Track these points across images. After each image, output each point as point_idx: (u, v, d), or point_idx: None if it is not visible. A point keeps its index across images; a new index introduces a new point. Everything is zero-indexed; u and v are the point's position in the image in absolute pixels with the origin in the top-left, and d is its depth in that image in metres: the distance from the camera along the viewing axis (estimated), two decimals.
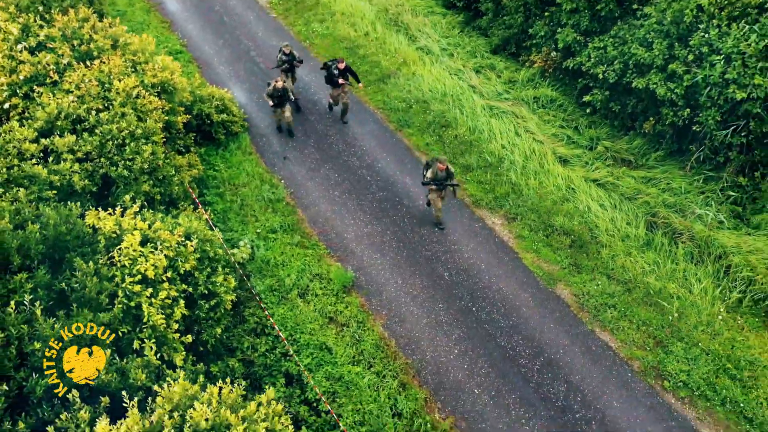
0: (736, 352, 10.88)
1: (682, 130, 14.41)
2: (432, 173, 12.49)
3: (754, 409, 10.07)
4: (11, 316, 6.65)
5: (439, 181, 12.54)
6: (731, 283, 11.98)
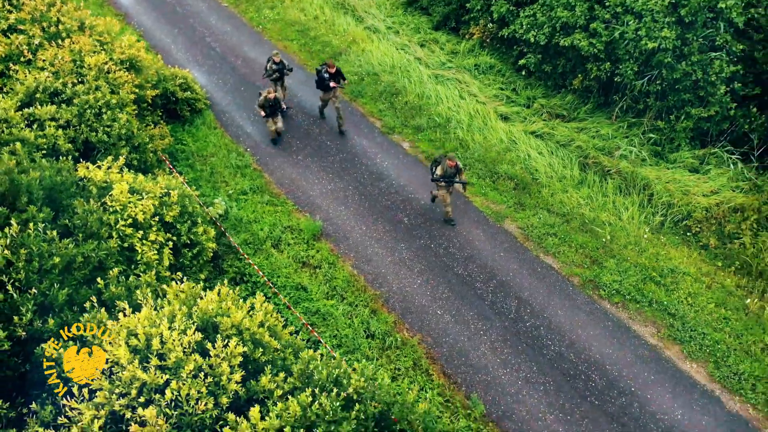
0: (660, 264, 12.54)
1: (606, 84, 16.12)
2: (442, 170, 12.67)
3: (675, 306, 11.71)
4: (31, 237, 7.55)
5: (448, 178, 12.74)
6: (653, 209, 13.68)
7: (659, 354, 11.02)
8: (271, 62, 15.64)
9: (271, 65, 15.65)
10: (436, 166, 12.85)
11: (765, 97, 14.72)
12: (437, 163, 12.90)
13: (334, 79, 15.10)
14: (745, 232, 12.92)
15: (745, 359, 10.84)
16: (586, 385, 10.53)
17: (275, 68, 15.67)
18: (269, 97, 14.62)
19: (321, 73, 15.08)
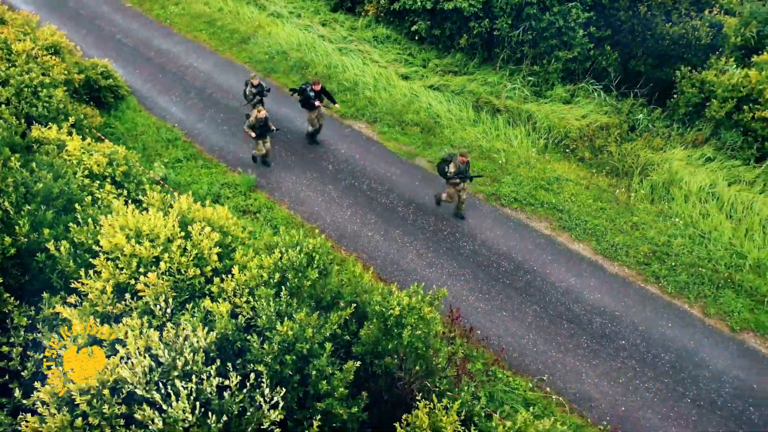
0: (547, 175, 14.97)
1: (488, 40, 18.59)
2: (455, 167, 12.87)
3: (562, 204, 14.14)
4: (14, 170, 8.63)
5: (462, 174, 13.04)
6: (538, 135, 16.16)
7: (553, 240, 13.36)
8: (250, 86, 15.17)
9: (249, 89, 15.18)
10: (447, 165, 12.95)
11: (615, 37, 17.64)
12: (447, 162, 13.00)
13: (319, 97, 14.94)
14: (610, 144, 15.61)
15: (619, 235, 13.37)
16: (497, 270, 12.67)
17: (255, 91, 15.18)
18: (260, 116, 14.06)
19: (306, 92, 14.81)
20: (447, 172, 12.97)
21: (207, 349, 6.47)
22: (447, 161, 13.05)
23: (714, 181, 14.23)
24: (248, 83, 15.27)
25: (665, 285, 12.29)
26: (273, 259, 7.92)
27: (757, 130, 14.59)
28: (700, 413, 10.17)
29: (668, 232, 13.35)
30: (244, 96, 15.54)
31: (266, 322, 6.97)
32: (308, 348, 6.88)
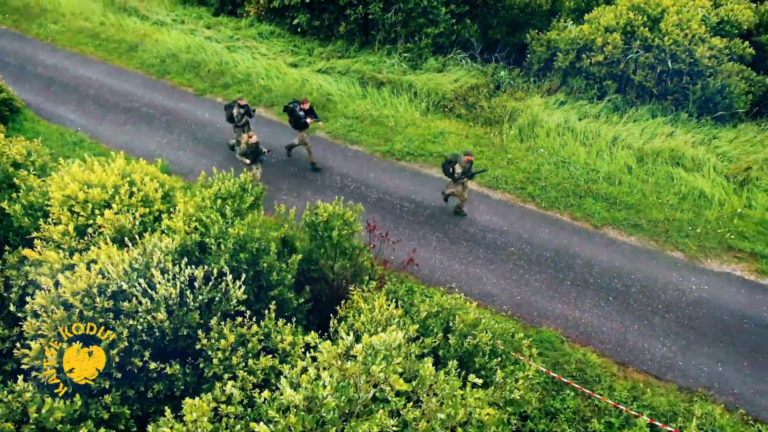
0: (432, 131, 17.09)
1: (365, 25, 20.58)
2: (461, 167, 13.29)
3: (447, 151, 16.26)
4: None
5: (468, 173, 13.53)
6: (419, 100, 18.29)
7: (444, 181, 15.42)
8: (237, 107, 14.80)
9: (237, 110, 14.79)
10: (453, 166, 13.36)
11: (473, 12, 20.22)
12: (452, 162, 13.39)
13: (309, 115, 14.84)
14: (481, 100, 18.01)
15: (498, 169, 15.67)
16: (401, 210, 14.50)
17: (242, 112, 14.85)
18: (251, 141, 13.66)
19: (295, 112, 14.62)
20: (454, 173, 13.40)
21: (173, 252, 7.71)
22: (452, 162, 13.42)
23: (567, 118, 16.94)
24: (235, 104, 14.83)
25: (540, 201, 14.67)
26: (212, 190, 9.24)
27: (595, 74, 17.51)
28: (578, 290, 12.47)
29: (537, 162, 15.83)
30: (230, 119, 14.97)
31: (218, 231, 8.29)
32: (257, 246, 8.28)
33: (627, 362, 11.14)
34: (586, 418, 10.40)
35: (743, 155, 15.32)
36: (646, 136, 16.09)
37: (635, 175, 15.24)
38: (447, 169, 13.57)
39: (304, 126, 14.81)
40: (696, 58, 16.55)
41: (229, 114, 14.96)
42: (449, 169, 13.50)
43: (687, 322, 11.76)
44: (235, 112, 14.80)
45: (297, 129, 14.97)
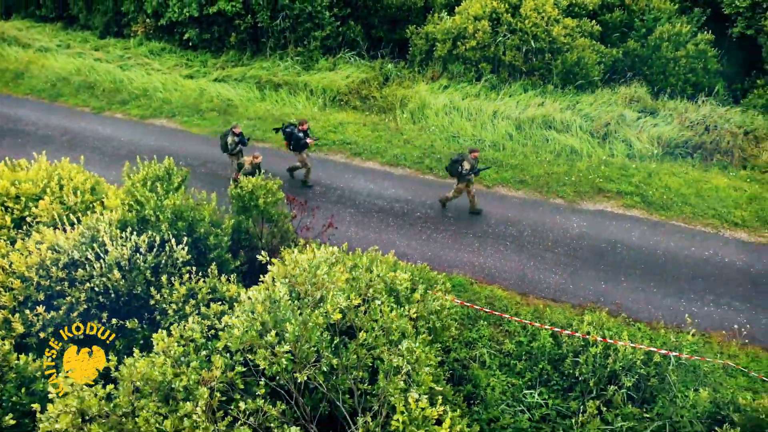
0: (331, 123, 18.33)
1: (254, 34, 21.56)
2: (469, 164, 13.68)
3: (351, 138, 17.55)
4: None
5: (474, 170, 13.93)
6: (316, 97, 19.51)
7: (349, 164, 16.71)
8: (232, 135, 14.71)
9: (233, 138, 14.69)
10: (460, 164, 13.65)
11: (356, 13, 21.75)
12: (458, 162, 13.71)
13: (307, 136, 14.92)
14: (373, 91, 19.51)
15: (396, 149, 17.16)
16: (313, 193, 15.57)
17: (237, 140, 14.77)
18: (256, 162, 13.84)
19: (294, 134, 14.66)
20: (461, 170, 13.70)
21: (115, 223, 8.40)
22: (458, 161, 13.71)
23: (452, 99, 18.77)
24: (229, 132, 14.73)
25: (437, 172, 16.28)
26: (140, 175, 9.94)
27: (471, 58, 19.51)
28: (479, 241, 14.07)
29: (430, 139, 17.48)
30: (225, 147, 14.83)
31: (154, 206, 9.04)
32: (193, 215, 9.11)
33: (528, 292, 12.81)
34: (500, 342, 11.92)
35: (602, 115, 17.73)
36: (521, 108, 18.19)
37: (516, 140, 17.24)
38: (455, 169, 13.84)
39: (304, 147, 14.88)
40: (554, 37, 18.92)
41: (223, 143, 14.79)
42: (457, 168, 13.77)
43: (573, 254, 13.65)
44: (230, 140, 14.66)
45: (297, 151, 14.94)
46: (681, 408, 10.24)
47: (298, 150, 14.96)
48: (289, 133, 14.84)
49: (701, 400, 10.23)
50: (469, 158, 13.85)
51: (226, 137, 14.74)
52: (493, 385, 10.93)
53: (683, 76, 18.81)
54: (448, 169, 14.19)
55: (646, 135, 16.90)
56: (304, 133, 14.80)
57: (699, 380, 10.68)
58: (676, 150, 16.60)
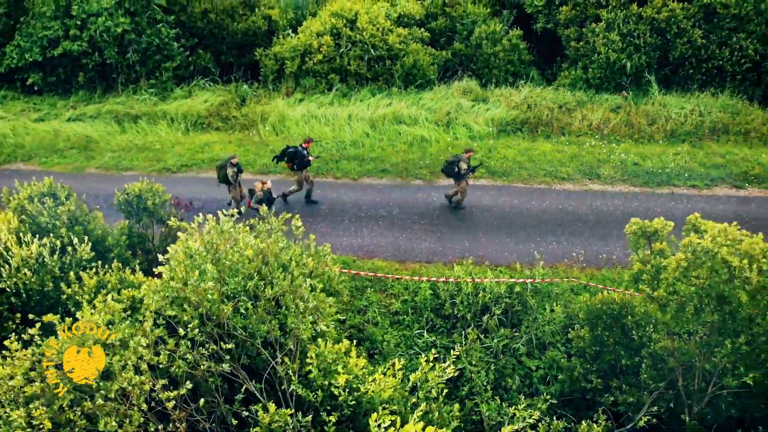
0: (197, 144, 19.00)
1: (104, 71, 21.66)
2: (466, 163, 14.65)
3: (216, 156, 18.35)
4: None
5: (472, 168, 15.00)
6: (177, 123, 20.07)
7: None
8: (230, 166, 14.68)
9: (232, 170, 14.70)
10: (457, 165, 14.59)
11: (203, 42, 22.61)
12: (454, 163, 14.67)
13: (309, 155, 15.22)
14: (233, 112, 20.45)
15: (265, 159, 18.23)
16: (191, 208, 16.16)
17: (236, 171, 14.84)
18: (266, 188, 14.01)
19: (300, 152, 14.96)
20: (460, 171, 14.66)
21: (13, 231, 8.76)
22: (454, 162, 14.67)
23: (309, 109, 20.24)
24: (227, 164, 14.70)
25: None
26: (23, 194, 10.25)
27: (320, 71, 21.14)
28: (355, 225, 15.50)
29: None
30: (225, 179, 14.86)
31: (47, 215, 9.45)
32: (87, 219, 9.63)
33: (405, 259, 14.42)
34: (388, 304, 13.36)
35: (443, 106, 20.07)
36: (372, 109, 20.08)
37: (372, 137, 19.04)
38: (451, 170, 14.79)
39: (307, 164, 15.24)
40: (390, 45, 21.11)
41: (222, 174, 14.79)
42: (454, 168, 14.72)
43: (437, 222, 15.52)
44: (230, 171, 14.66)
45: (300, 169, 15.23)
46: (542, 324, 12.27)
47: (301, 168, 15.26)
48: (292, 153, 15.09)
49: (557, 315, 12.35)
50: (464, 158, 14.78)
51: (224, 169, 14.73)
52: (387, 339, 12.32)
53: (503, 67, 21.80)
54: (444, 171, 15.17)
55: (482, 118, 19.45)
56: (306, 151, 15.20)
57: (552, 300, 12.82)
58: (508, 127, 19.28)
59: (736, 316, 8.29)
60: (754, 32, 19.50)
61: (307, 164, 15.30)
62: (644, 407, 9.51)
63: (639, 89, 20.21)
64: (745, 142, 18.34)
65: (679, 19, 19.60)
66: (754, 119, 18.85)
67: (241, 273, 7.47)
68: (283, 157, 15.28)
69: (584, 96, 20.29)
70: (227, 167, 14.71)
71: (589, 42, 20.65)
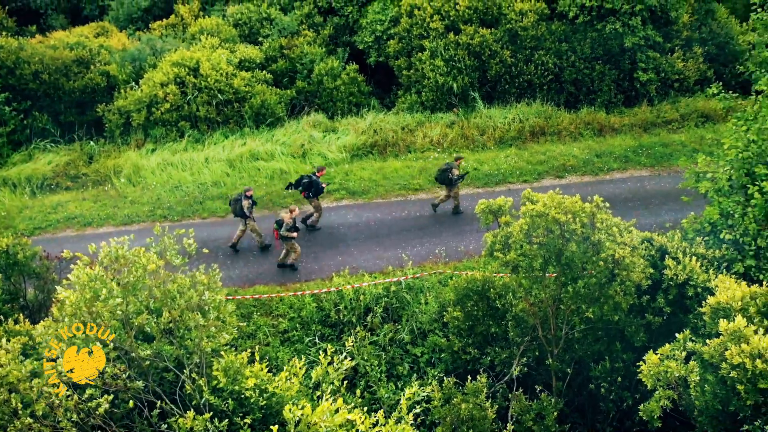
0: (48, 205, 18.28)
1: None
2: (458, 170, 16.14)
3: (73, 213, 17.79)
4: None
5: (462, 175, 16.47)
6: (21, 188, 19.12)
7: (83, 233, 16.99)
8: (245, 198, 15.10)
9: (248, 202, 15.09)
10: (450, 172, 16.01)
11: (39, 104, 21.79)
12: (447, 170, 16.06)
13: None
14: (82, 169, 19.91)
15: (125, 211, 18.00)
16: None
17: (252, 203, 15.31)
18: (295, 215, 14.52)
19: (315, 180, 15.80)
20: (452, 177, 16.07)
21: None
22: (447, 170, 16.07)
23: (164, 158, 20.28)
24: (242, 197, 15.09)
25: (172, 217, 17.62)
26: None
27: (169, 120, 21.28)
28: (230, 259, 15.87)
29: (155, 195, 18.68)
30: (241, 212, 15.12)
31: None
32: None
33: (284, 282, 15.08)
34: (272, 325, 13.89)
35: (296, 140, 21.11)
36: (228, 150, 20.61)
37: (233, 176, 19.54)
38: (445, 177, 16.18)
39: (321, 191, 16.13)
40: (236, 88, 21.87)
41: (237, 207, 15.14)
42: (447, 175, 16.12)
43: (310, 244, 16.35)
44: (245, 204, 15.03)
45: (315, 197, 16.07)
46: (419, 314, 13.55)
47: (316, 195, 16.13)
48: (308, 182, 15.79)
49: (431, 305, 13.71)
50: (455, 166, 16.27)
51: (238, 202, 15.11)
52: (280, 357, 12.87)
53: (346, 99, 23.43)
54: (438, 179, 16.66)
55: (335, 146, 20.77)
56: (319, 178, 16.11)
57: (425, 293, 14.18)
58: (359, 151, 20.77)
59: (571, 265, 10.06)
60: (551, 49, 22.89)
61: (321, 191, 16.23)
62: (516, 361, 11.00)
63: (467, 106, 22.76)
64: (560, 140, 21.39)
65: (489, 43, 22.49)
66: (563, 121, 22.05)
67: (141, 293, 7.80)
68: (298, 186, 16.02)
69: (422, 117, 22.42)
70: (242, 200, 15.10)
71: (418, 69, 22.92)
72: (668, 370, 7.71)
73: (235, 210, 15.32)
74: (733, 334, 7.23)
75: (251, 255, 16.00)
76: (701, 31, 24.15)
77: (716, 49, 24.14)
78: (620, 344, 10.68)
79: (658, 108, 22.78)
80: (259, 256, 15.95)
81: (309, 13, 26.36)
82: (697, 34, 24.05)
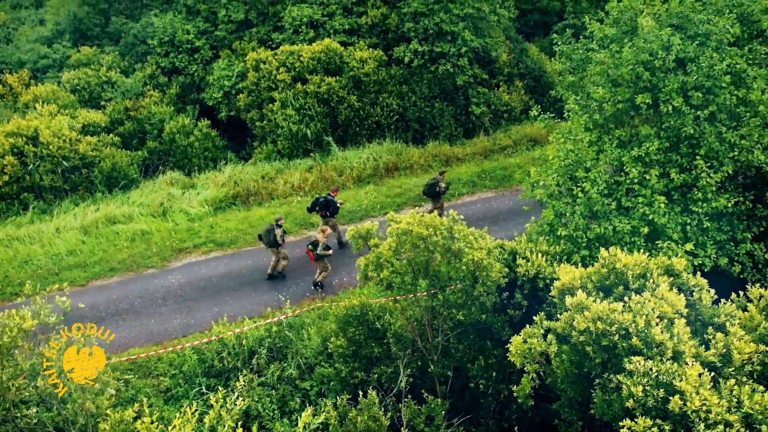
0: None
1: None
2: (444, 183, 17.62)
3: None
4: None
5: (446, 187, 17.98)
6: None
7: None
8: (277, 227, 15.64)
9: (281, 232, 15.68)
10: (438, 185, 17.44)
11: None
12: (434, 185, 17.52)
13: None
14: None
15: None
16: None
17: (283, 232, 15.89)
18: (329, 233, 15.56)
19: (331, 200, 16.50)
20: (439, 190, 17.48)
21: None
22: (434, 184, 17.47)
23: (7, 233, 18.88)
24: (275, 227, 15.61)
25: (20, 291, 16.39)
26: None
27: (9, 193, 19.93)
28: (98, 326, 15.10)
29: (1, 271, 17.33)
30: (274, 242, 15.68)
31: None
32: None
33: (161, 340, 14.64)
34: (153, 385, 13.41)
35: (155, 199, 20.65)
36: (81, 217, 19.67)
37: (89, 243, 18.63)
38: (433, 190, 17.57)
39: (337, 210, 16.85)
40: (83, 154, 21.08)
41: (270, 238, 15.60)
42: (435, 189, 17.51)
43: (182, 300, 16.05)
44: (278, 233, 15.58)
45: (332, 216, 16.65)
46: (304, 349, 13.85)
47: (334, 214, 16.84)
48: (324, 202, 16.58)
49: (313, 339, 14.05)
50: (440, 179, 17.75)
51: (271, 232, 15.60)
52: (165, 416, 12.47)
53: (201, 155, 23.44)
54: (425, 193, 17.99)
55: (196, 201, 20.62)
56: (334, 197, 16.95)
57: (306, 328, 14.51)
58: (222, 204, 20.79)
59: (438, 275, 11.03)
60: (393, 91, 24.67)
61: (337, 210, 17.04)
62: (401, 374, 11.67)
63: (323, 150, 23.70)
64: (412, 174, 22.93)
65: (336, 90, 23.76)
66: (413, 156, 23.69)
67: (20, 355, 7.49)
68: (315, 208, 16.88)
69: (280, 164, 22.97)
70: (275, 229, 15.66)
71: (271, 120, 23.58)
72: (532, 347, 8.76)
73: (268, 240, 15.81)
74: (577, 306, 8.46)
75: (120, 320, 15.36)
76: (519, 67, 27.35)
77: (533, 82, 27.45)
78: (490, 342, 11.73)
79: (494, 137, 25.29)
80: (129, 319, 15.36)
81: (152, 74, 26.23)
82: (516, 70, 27.21)
